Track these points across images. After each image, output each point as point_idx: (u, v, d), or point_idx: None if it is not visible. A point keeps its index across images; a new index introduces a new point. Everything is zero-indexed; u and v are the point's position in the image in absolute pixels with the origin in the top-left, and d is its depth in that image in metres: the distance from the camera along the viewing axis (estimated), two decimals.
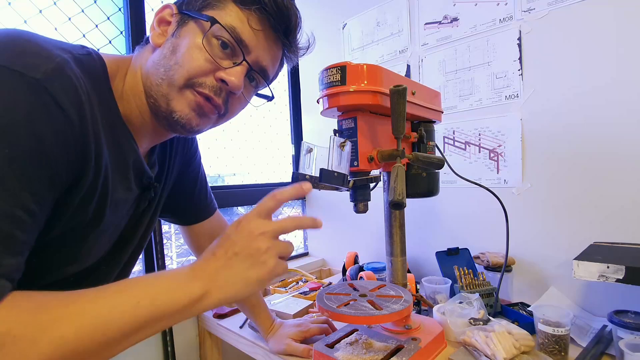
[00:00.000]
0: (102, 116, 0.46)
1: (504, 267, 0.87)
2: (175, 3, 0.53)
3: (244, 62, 0.51)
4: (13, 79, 0.35)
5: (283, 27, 0.53)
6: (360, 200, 0.71)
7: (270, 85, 0.59)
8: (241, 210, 1.46)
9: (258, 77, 0.55)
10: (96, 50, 0.50)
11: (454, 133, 1.15)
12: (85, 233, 0.48)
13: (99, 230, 0.49)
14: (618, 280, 0.66)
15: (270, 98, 0.60)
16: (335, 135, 0.66)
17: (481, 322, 0.75)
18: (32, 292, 0.37)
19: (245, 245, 0.44)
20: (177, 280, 0.42)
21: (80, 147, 0.41)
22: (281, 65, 0.61)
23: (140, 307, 0.38)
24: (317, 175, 0.60)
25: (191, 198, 0.77)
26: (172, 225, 1.22)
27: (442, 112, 0.87)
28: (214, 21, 0.48)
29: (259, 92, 0.60)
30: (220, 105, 0.52)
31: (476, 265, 1.03)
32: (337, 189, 0.66)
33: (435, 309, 0.81)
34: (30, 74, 0.36)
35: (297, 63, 0.61)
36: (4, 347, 0.32)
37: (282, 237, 0.48)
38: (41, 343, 0.33)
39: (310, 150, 0.65)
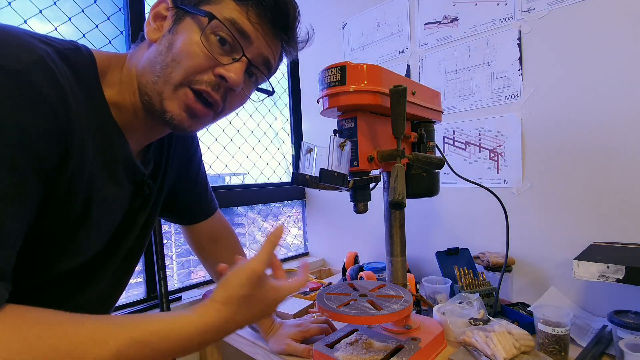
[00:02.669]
0: (88, 111, 0.45)
1: (504, 267, 0.87)
2: None
3: (243, 57, 0.50)
4: None
5: (281, 21, 0.52)
6: (360, 200, 0.71)
7: (269, 80, 0.58)
8: (241, 210, 1.46)
9: (258, 72, 0.54)
10: (87, 46, 0.49)
11: (454, 133, 1.15)
12: (73, 229, 0.47)
13: (88, 226, 0.48)
14: (618, 280, 0.66)
15: (270, 93, 0.60)
16: (335, 135, 0.66)
17: (481, 322, 0.75)
18: (34, 311, 0.36)
19: (264, 311, 0.49)
20: (189, 340, 0.42)
21: (64, 137, 0.40)
22: (280, 59, 0.59)
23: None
24: (317, 175, 0.60)
25: (191, 197, 0.77)
26: (172, 225, 1.22)
27: (442, 112, 0.87)
28: (211, 17, 0.47)
29: (258, 87, 0.59)
30: (218, 101, 0.51)
31: (476, 265, 1.03)
32: (337, 189, 0.66)
33: (435, 309, 0.81)
34: (12, 66, 0.36)
35: (297, 57, 0.61)
36: None
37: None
38: None
39: (310, 150, 0.65)
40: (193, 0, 0.49)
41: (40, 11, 0.90)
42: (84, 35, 0.98)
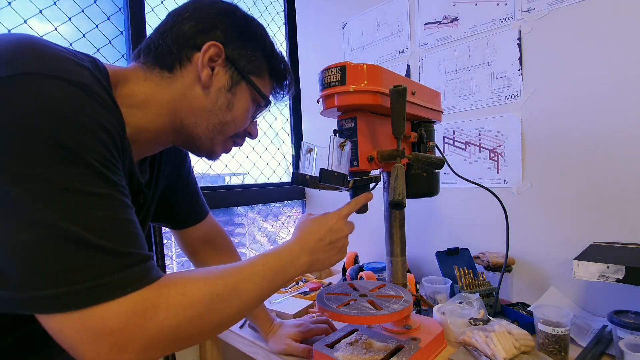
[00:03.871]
0: None
1: (504, 267, 0.87)
2: (221, 42, 0.53)
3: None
4: (69, 87, 0.37)
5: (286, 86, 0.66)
6: None
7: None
8: (241, 210, 1.46)
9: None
10: (99, 59, 0.49)
11: (454, 133, 1.15)
12: None
13: None
14: (618, 280, 0.66)
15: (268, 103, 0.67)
16: (335, 135, 0.66)
17: (481, 322, 0.75)
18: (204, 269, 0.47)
19: (339, 240, 0.63)
20: (294, 255, 0.56)
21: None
22: None
23: (274, 275, 0.52)
24: (317, 175, 0.60)
25: (183, 202, 0.77)
26: None
27: (442, 112, 0.87)
28: (268, 103, 0.61)
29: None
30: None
31: (476, 265, 1.03)
32: (337, 189, 0.66)
33: (435, 309, 0.81)
34: (80, 80, 0.39)
35: None
36: (214, 303, 0.43)
37: None
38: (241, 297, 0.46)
39: (310, 150, 0.65)
40: (244, 65, 0.56)
41: (40, 11, 0.90)
42: (84, 35, 0.98)
